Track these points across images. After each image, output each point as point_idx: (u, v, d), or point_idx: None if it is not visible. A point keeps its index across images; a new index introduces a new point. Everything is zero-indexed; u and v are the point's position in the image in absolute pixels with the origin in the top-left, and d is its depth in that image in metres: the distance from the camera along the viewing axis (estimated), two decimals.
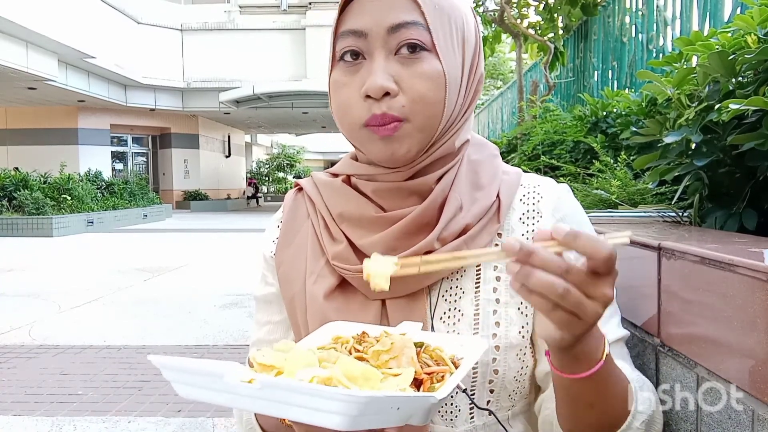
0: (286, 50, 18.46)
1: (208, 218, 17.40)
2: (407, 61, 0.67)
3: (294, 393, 0.46)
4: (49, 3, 12.29)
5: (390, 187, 0.72)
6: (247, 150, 30.60)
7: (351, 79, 0.69)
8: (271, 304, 0.82)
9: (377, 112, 0.66)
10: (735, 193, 0.99)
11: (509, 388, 0.71)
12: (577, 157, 2.44)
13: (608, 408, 0.61)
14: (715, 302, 0.64)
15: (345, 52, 0.69)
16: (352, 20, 0.68)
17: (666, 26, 3.00)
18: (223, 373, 0.48)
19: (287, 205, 0.84)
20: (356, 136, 0.71)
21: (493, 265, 0.73)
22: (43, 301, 5.58)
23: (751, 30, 0.96)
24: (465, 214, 0.71)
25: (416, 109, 0.67)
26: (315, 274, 0.74)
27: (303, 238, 0.79)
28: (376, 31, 0.67)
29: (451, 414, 0.71)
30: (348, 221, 0.74)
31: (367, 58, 0.68)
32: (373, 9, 0.67)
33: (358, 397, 0.44)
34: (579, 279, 0.49)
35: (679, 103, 1.12)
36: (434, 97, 0.67)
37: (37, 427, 2.80)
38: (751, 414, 0.58)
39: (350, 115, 0.69)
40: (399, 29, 0.66)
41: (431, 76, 0.67)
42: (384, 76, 0.66)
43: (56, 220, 11.90)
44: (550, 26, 4.61)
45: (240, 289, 6.09)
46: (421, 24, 0.66)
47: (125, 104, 18.37)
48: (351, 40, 0.68)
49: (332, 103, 0.72)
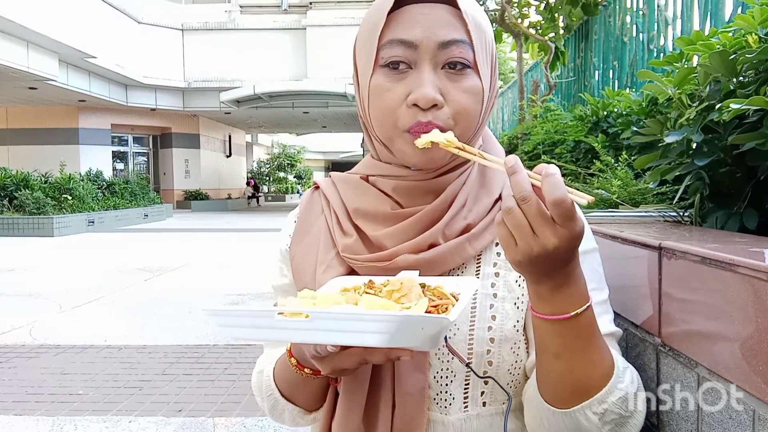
0: (287, 50, 18.47)
1: (208, 218, 17.41)
2: (453, 76, 0.71)
3: (341, 320, 0.54)
4: (49, 3, 12.30)
5: (410, 185, 0.77)
6: (248, 150, 30.62)
7: (395, 85, 0.72)
8: (287, 293, 0.87)
9: (423, 120, 0.70)
10: (736, 193, 0.99)
11: (503, 380, 0.74)
12: (577, 157, 2.44)
13: (576, 368, 0.63)
14: (715, 302, 0.64)
15: (391, 61, 0.72)
16: (403, 30, 0.71)
17: (667, 26, 3.00)
18: (274, 311, 0.56)
19: (304, 202, 0.89)
20: (394, 139, 0.74)
21: (493, 261, 0.76)
22: (43, 300, 5.59)
23: (752, 29, 0.96)
24: (468, 214, 0.75)
25: (459, 122, 0.71)
26: (325, 264, 0.78)
27: (316, 233, 0.84)
28: (427, 45, 0.70)
29: (445, 402, 0.74)
30: (363, 216, 0.78)
31: (414, 68, 0.71)
32: (423, 22, 0.71)
33: (396, 316, 0.52)
34: (530, 209, 0.55)
35: (680, 103, 1.12)
36: (474, 111, 0.73)
37: (38, 426, 2.80)
38: (752, 414, 0.58)
39: (393, 120, 0.73)
40: (449, 46, 0.70)
41: (473, 92, 0.72)
42: (433, 88, 0.70)
43: (57, 220, 11.91)
44: (550, 26, 4.61)
45: (241, 288, 6.09)
46: (467, 43, 0.71)
47: (126, 104, 18.39)
48: (400, 50, 0.71)
49: (372, 105, 0.74)
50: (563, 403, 0.65)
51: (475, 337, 0.73)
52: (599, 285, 0.75)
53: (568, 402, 0.65)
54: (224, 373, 3.57)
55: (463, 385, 0.74)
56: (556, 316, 0.60)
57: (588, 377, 0.64)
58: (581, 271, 0.61)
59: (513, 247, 0.58)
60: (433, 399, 0.74)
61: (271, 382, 0.82)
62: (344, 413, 0.74)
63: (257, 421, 2.84)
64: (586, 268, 0.73)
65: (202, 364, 3.75)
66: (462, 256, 0.74)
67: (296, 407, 0.81)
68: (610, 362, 0.65)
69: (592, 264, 0.75)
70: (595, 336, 0.63)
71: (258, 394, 0.86)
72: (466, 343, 0.73)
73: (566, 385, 0.64)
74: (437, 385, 0.74)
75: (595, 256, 0.77)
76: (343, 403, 0.75)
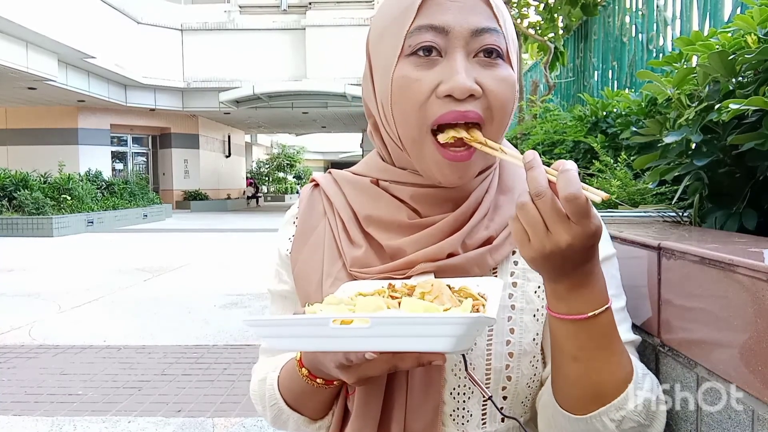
0: (286, 50, 18.44)
1: (208, 218, 17.39)
2: (488, 64, 0.66)
3: (405, 325, 0.50)
4: (49, 3, 12.29)
5: (429, 192, 0.72)
6: (247, 150, 30.58)
7: (424, 74, 0.65)
8: (286, 299, 0.83)
9: (461, 109, 0.64)
10: (735, 193, 0.99)
11: (522, 395, 0.72)
12: (577, 157, 2.44)
13: (593, 372, 0.61)
14: (715, 302, 0.64)
15: (421, 47, 0.66)
16: (432, 16, 0.66)
17: (666, 26, 3.00)
18: (328, 319, 0.52)
19: (303, 201, 0.84)
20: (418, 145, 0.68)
21: (510, 271, 0.73)
22: (43, 301, 5.59)
23: (751, 30, 0.96)
24: (489, 224, 0.72)
25: (497, 114, 0.67)
26: (332, 276, 0.74)
27: (319, 237, 0.79)
28: (459, 31, 0.65)
29: (462, 418, 0.71)
30: (377, 224, 0.73)
31: (444, 56, 0.66)
32: (455, 8, 0.66)
33: (465, 318, 0.49)
34: (544, 205, 0.54)
35: (679, 103, 1.12)
36: (511, 103, 0.68)
37: (37, 426, 2.80)
38: (751, 414, 0.58)
39: (421, 117, 0.66)
40: (483, 33, 0.65)
41: (510, 83, 0.68)
42: (469, 77, 0.64)
43: (56, 220, 11.89)
44: (550, 26, 4.61)
45: (240, 289, 6.09)
46: (499, 31, 0.67)
47: (125, 104, 18.36)
48: (430, 36, 0.65)
49: (396, 101, 0.68)
50: (580, 409, 0.63)
51: (493, 351, 0.70)
52: (617, 291, 0.72)
53: (584, 408, 0.62)
54: (223, 373, 3.57)
55: (481, 402, 0.71)
56: (572, 315, 0.59)
57: (605, 382, 0.61)
58: (601, 273, 0.60)
59: (527, 244, 0.56)
60: (449, 415, 0.71)
61: (276, 391, 0.78)
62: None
63: (256, 421, 2.83)
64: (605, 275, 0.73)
65: (202, 364, 3.75)
66: (482, 268, 0.70)
67: (302, 416, 0.78)
68: (628, 368, 0.62)
69: (611, 270, 0.72)
70: (614, 340, 0.61)
71: (259, 402, 0.82)
72: (484, 359, 0.70)
73: (583, 390, 0.62)
74: (453, 402, 0.71)
75: (614, 263, 0.75)
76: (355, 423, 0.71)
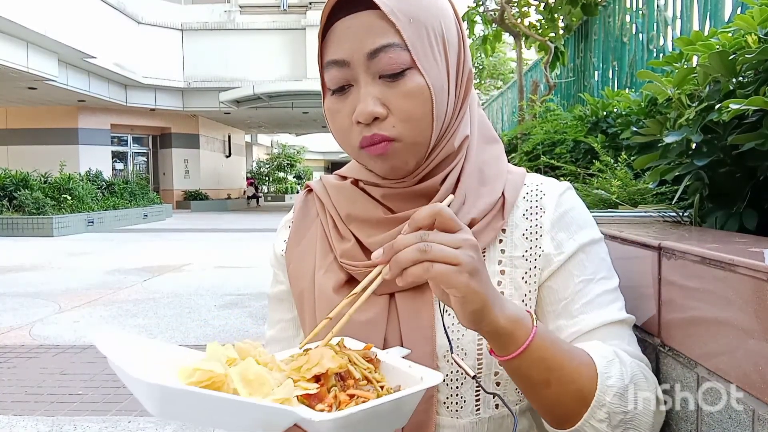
0: (287, 50, 18.46)
1: (208, 218, 17.40)
2: (391, 83, 0.68)
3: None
4: (49, 3, 12.30)
5: (398, 192, 0.75)
6: (248, 150, 30.61)
7: (342, 105, 0.71)
8: (283, 301, 0.86)
9: (367, 134, 0.69)
10: (735, 193, 0.99)
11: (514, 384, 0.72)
12: (577, 157, 2.44)
13: (560, 385, 0.63)
14: (715, 302, 0.64)
15: (336, 86, 0.71)
16: (333, 50, 0.70)
17: (666, 26, 3.00)
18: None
19: (298, 206, 0.88)
20: (356, 157, 0.75)
21: (498, 259, 0.74)
22: (43, 300, 5.58)
23: (752, 30, 0.96)
24: (470, 209, 0.73)
25: (406, 128, 0.69)
26: (323, 268, 0.77)
27: (312, 236, 0.82)
28: (357, 58, 0.68)
29: (456, 405, 0.72)
30: (356, 221, 0.77)
31: (354, 84, 0.70)
32: (350, 36, 0.68)
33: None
34: (434, 236, 0.55)
35: (679, 103, 1.12)
36: (421, 112, 0.69)
37: (37, 426, 2.80)
38: (751, 414, 0.58)
39: (347, 140, 0.73)
40: (378, 54, 0.67)
41: (416, 94, 0.68)
42: (372, 101, 0.68)
43: (56, 220, 11.89)
44: (550, 26, 4.61)
45: (240, 289, 6.09)
46: (398, 45, 0.67)
47: (125, 104, 18.38)
48: (335, 71, 0.70)
49: (330, 129, 0.75)
50: (567, 422, 0.65)
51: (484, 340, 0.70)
52: (608, 273, 0.75)
53: (570, 419, 0.65)
54: None
55: (474, 388, 0.72)
56: (511, 355, 0.61)
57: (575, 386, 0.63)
58: (505, 314, 0.60)
59: (459, 278, 0.55)
60: (443, 403, 0.72)
61: None
62: None
63: None
64: (593, 259, 0.74)
65: None
66: None
67: None
68: (589, 365, 0.64)
69: (599, 254, 0.75)
70: (560, 350, 0.63)
71: None
72: (475, 344, 0.71)
73: (560, 405, 0.65)
74: (447, 389, 0.72)
75: (602, 246, 0.76)
76: None
